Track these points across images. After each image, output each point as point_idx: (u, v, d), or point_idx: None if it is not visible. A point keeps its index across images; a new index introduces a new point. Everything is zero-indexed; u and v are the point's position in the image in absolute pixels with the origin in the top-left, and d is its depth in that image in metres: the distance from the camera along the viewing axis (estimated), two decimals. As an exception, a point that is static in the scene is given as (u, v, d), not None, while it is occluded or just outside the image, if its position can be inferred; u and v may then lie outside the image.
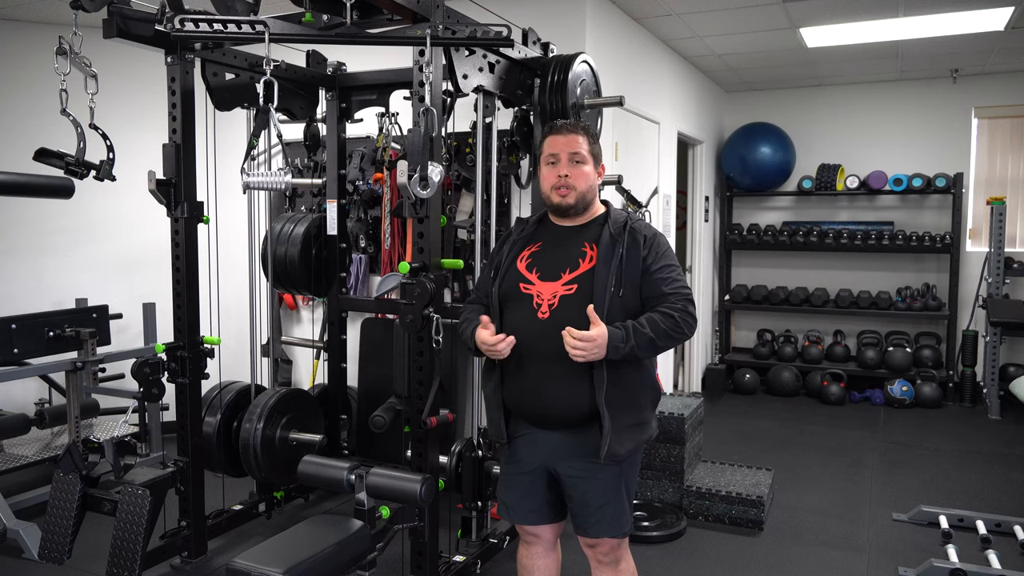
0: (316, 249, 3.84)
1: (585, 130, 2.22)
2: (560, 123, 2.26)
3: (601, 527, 2.17)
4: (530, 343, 2.11)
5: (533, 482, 2.23)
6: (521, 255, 2.23)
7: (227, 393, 3.56)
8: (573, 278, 2.12)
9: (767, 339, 6.95)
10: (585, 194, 2.18)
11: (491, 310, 2.22)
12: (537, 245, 2.23)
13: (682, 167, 6.30)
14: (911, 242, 6.39)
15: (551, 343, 2.06)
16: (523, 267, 2.20)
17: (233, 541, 3.51)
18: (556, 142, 2.19)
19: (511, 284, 2.19)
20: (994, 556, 3.27)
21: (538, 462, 2.21)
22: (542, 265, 2.18)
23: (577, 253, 2.15)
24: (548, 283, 2.14)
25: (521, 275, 2.18)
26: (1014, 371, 6.07)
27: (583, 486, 2.15)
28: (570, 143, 2.18)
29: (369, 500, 2.18)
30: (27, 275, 4.78)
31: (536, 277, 2.16)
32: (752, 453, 4.90)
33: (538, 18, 3.72)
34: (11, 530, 3.24)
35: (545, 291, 2.13)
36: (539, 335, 2.10)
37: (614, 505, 2.16)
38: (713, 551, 3.47)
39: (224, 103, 3.29)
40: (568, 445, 2.15)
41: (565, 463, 2.17)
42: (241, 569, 1.85)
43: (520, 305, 2.16)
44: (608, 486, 2.14)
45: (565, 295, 2.10)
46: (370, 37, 2.69)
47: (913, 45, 5.49)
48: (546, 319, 2.10)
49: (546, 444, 2.18)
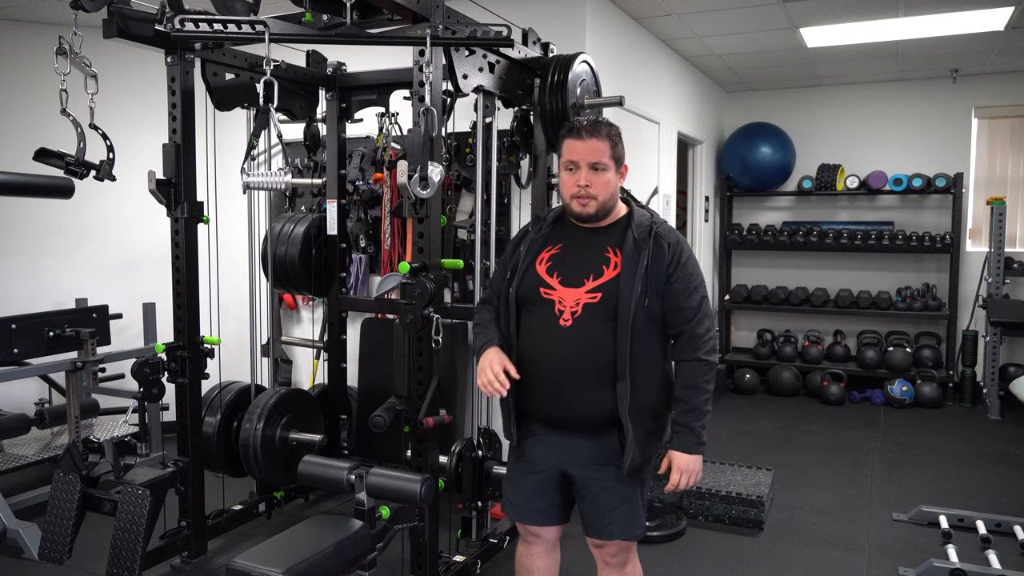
0: (316, 249, 3.84)
1: (608, 133, 2.09)
2: (580, 124, 2.10)
3: (613, 529, 2.14)
4: (551, 350, 2.07)
5: (543, 483, 2.20)
6: (540, 256, 2.16)
7: (227, 393, 3.56)
8: (597, 286, 2.05)
9: (767, 339, 6.95)
10: (607, 202, 2.10)
11: (507, 312, 2.17)
12: (557, 247, 2.16)
13: (682, 167, 6.30)
14: (911, 242, 6.39)
15: (573, 351, 2.03)
16: (543, 270, 2.13)
17: (233, 541, 3.51)
18: (575, 148, 2.08)
19: (530, 287, 2.13)
20: (994, 556, 3.27)
21: (551, 463, 2.17)
22: (564, 270, 2.11)
23: (600, 259, 2.08)
24: (571, 289, 2.07)
25: (541, 279, 2.12)
26: (1014, 371, 6.07)
27: (598, 489, 2.12)
28: (590, 150, 2.06)
29: (369, 500, 2.17)
30: (27, 275, 4.78)
31: (558, 282, 2.09)
32: (752, 453, 4.90)
33: (538, 18, 3.72)
34: (11, 530, 3.24)
35: (568, 298, 2.07)
36: (561, 343, 2.05)
37: (628, 508, 2.13)
38: (713, 551, 3.47)
39: (224, 103, 3.29)
40: (585, 449, 2.12)
41: (581, 466, 2.13)
42: (241, 569, 1.85)
43: (541, 310, 2.10)
44: (623, 490, 2.12)
45: (589, 303, 2.04)
46: (370, 37, 2.69)
47: (913, 45, 5.49)
48: (568, 327, 2.04)
49: (562, 446, 2.15)
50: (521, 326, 2.15)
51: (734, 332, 7.41)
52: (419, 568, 2.82)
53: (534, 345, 2.11)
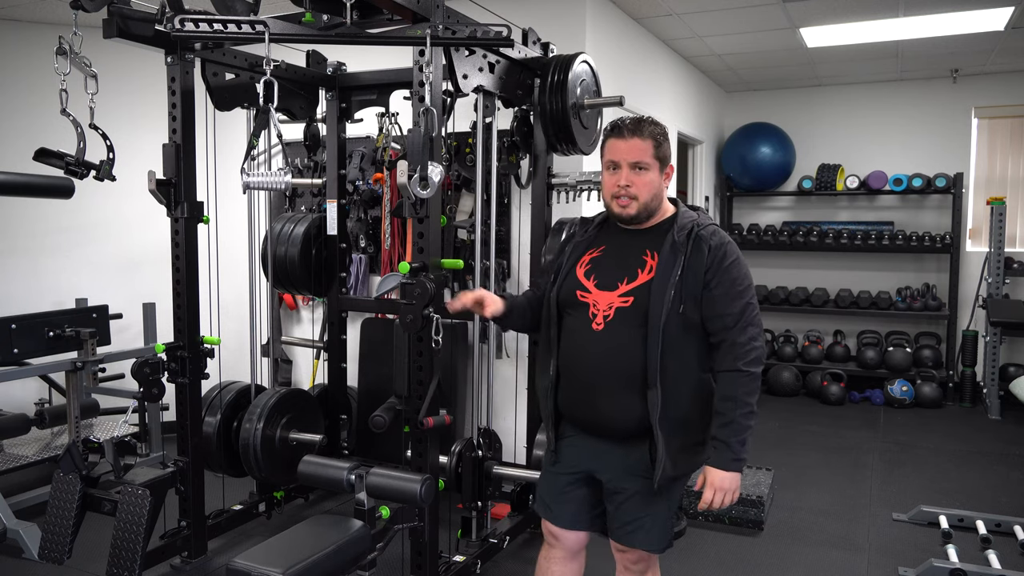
0: (316, 249, 3.84)
1: (651, 132, 2.03)
2: (623, 123, 2.05)
3: (635, 537, 2.09)
4: (584, 353, 2.05)
5: (572, 485, 2.17)
6: (582, 260, 2.13)
7: (227, 393, 3.56)
8: (630, 290, 2.00)
9: (767, 339, 6.95)
10: (649, 203, 2.04)
11: (548, 316, 2.15)
12: (599, 250, 2.12)
13: (682, 167, 6.30)
14: (911, 242, 6.39)
15: (604, 355, 2.00)
16: (581, 273, 2.10)
17: (233, 541, 3.51)
18: (617, 148, 2.03)
19: (569, 291, 2.10)
20: (994, 556, 3.27)
21: (582, 466, 2.14)
22: (600, 273, 2.07)
23: (637, 262, 2.02)
24: (605, 292, 2.03)
25: (579, 282, 2.09)
26: (1014, 371, 6.06)
27: (623, 498, 2.08)
28: (632, 150, 2.01)
29: (369, 500, 2.17)
30: (27, 275, 4.78)
31: (593, 285, 2.06)
32: (752, 453, 4.85)
33: (538, 18, 3.72)
34: (11, 530, 3.24)
35: (601, 301, 2.03)
36: (593, 347, 2.03)
37: (653, 519, 2.07)
38: (713, 551, 3.47)
39: (224, 103, 3.29)
40: (616, 456, 2.08)
41: (610, 473, 2.09)
42: (241, 569, 1.85)
43: (577, 313, 2.07)
44: (651, 502, 2.06)
45: (621, 307, 2.00)
46: (370, 37, 2.69)
47: (913, 45, 5.49)
48: (600, 331, 2.01)
49: (593, 451, 2.11)
50: (562, 330, 2.12)
51: (734, 332, 7.39)
52: (419, 568, 2.82)
53: (570, 348, 2.09)
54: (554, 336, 2.13)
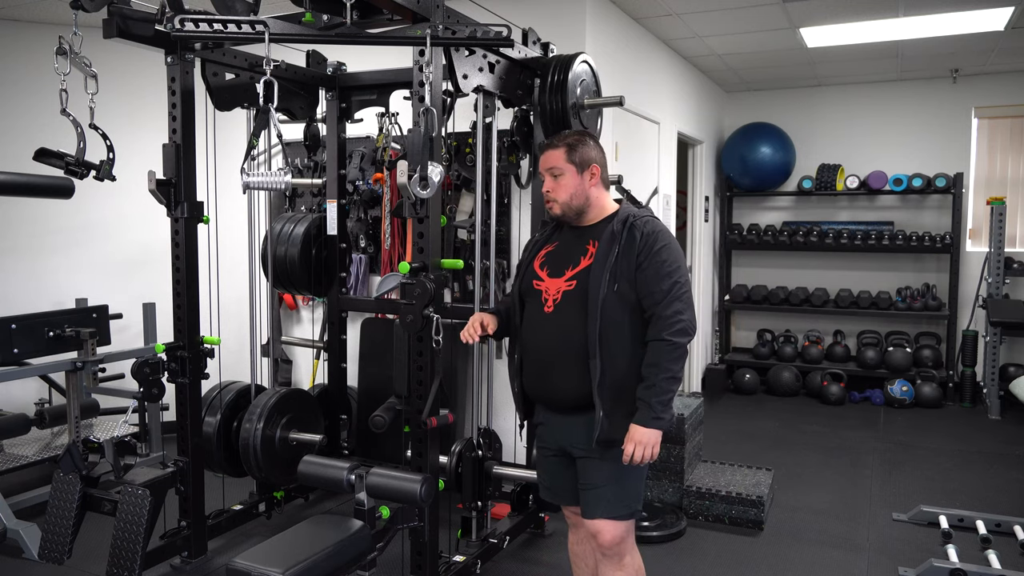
0: (316, 249, 3.84)
1: (564, 140, 2.30)
2: (545, 142, 2.38)
3: (596, 508, 2.24)
4: (538, 334, 2.29)
5: (558, 463, 2.38)
6: (539, 255, 2.38)
7: (227, 393, 3.56)
8: (574, 274, 2.25)
9: (767, 339, 6.95)
10: (569, 202, 2.29)
11: (514, 307, 2.40)
12: (553, 245, 2.38)
13: (682, 167, 6.30)
14: (911, 242, 6.39)
15: (554, 335, 2.25)
16: (537, 266, 2.36)
17: (233, 541, 3.51)
18: (542, 160, 2.34)
19: (527, 282, 2.36)
20: (994, 556, 3.27)
21: (556, 444, 2.36)
22: (552, 263, 2.33)
23: (580, 252, 2.27)
24: (554, 279, 2.29)
25: (535, 273, 2.35)
26: (1014, 371, 6.07)
27: (583, 466, 2.27)
28: (548, 159, 2.30)
29: (369, 500, 2.17)
30: (27, 275, 4.78)
31: (546, 274, 2.32)
32: (752, 453, 4.90)
33: (538, 18, 3.72)
34: (11, 530, 3.24)
35: (552, 287, 2.28)
36: (545, 328, 2.28)
37: (611, 488, 2.23)
38: (713, 551, 3.47)
39: (224, 103, 3.29)
40: (574, 428, 2.27)
41: (577, 446, 2.28)
42: (241, 569, 1.85)
43: (533, 300, 2.33)
44: (606, 469, 2.23)
45: (567, 290, 2.25)
46: (370, 37, 2.69)
47: (913, 45, 5.49)
48: (551, 312, 2.26)
49: (559, 426, 2.33)
50: (523, 317, 2.36)
51: (734, 332, 7.41)
52: (419, 568, 2.82)
53: (528, 331, 2.33)
54: (517, 323, 2.38)
